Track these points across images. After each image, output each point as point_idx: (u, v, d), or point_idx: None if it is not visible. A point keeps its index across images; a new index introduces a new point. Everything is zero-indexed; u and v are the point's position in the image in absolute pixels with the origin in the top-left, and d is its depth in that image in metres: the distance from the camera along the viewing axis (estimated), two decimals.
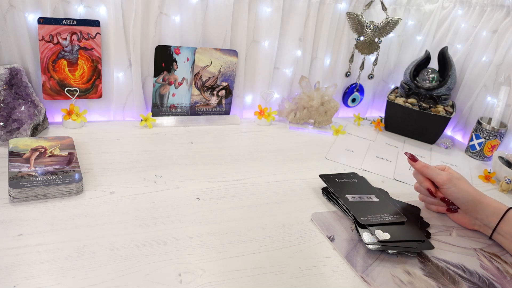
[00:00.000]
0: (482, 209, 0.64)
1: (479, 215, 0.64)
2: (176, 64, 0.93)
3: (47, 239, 0.53)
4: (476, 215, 0.65)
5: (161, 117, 0.96)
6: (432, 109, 1.02)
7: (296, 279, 0.52)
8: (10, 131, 0.76)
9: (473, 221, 0.66)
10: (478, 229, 0.66)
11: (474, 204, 0.64)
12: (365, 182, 0.76)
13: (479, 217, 0.65)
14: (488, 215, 0.63)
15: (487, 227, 0.64)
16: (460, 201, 0.65)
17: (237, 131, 0.98)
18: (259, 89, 1.05)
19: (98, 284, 0.47)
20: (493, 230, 0.63)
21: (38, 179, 0.61)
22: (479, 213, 0.64)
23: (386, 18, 1.07)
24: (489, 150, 0.98)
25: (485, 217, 0.64)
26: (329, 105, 1.03)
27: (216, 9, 0.92)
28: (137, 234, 0.56)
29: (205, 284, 0.49)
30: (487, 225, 0.64)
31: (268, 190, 0.72)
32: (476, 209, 0.64)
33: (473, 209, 0.65)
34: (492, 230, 0.63)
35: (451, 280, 0.55)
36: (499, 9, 1.01)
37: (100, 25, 0.84)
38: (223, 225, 0.61)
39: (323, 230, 0.62)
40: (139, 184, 0.68)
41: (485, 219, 0.64)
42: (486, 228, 0.64)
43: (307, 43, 1.03)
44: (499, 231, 0.62)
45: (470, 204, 0.65)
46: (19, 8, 0.77)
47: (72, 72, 0.86)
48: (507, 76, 0.99)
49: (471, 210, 0.65)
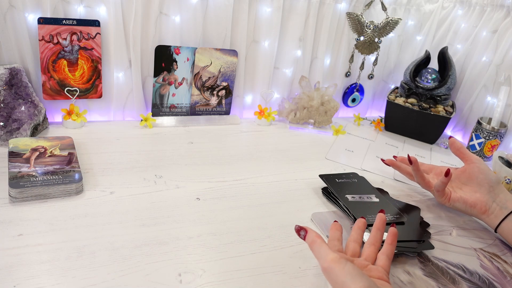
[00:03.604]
0: (504, 192, 0.66)
1: (499, 197, 0.66)
2: (176, 64, 0.93)
3: (47, 239, 0.53)
4: (495, 197, 0.66)
5: (161, 117, 0.96)
6: (432, 109, 1.02)
7: (296, 279, 0.52)
8: (10, 131, 0.76)
9: (490, 203, 0.66)
10: (490, 214, 0.65)
11: (498, 184, 0.66)
12: (365, 182, 0.76)
13: (497, 199, 0.65)
14: (508, 199, 0.65)
15: (502, 211, 0.64)
16: (488, 177, 0.67)
17: (237, 131, 0.98)
18: (259, 89, 1.05)
19: (98, 284, 0.47)
20: (505, 217, 0.63)
21: (38, 179, 0.61)
22: (499, 195, 0.66)
23: (386, 18, 1.07)
24: (489, 150, 0.98)
25: (504, 200, 0.65)
26: (329, 105, 1.03)
27: (216, 9, 0.92)
28: (137, 234, 0.56)
29: (205, 284, 0.49)
30: (504, 208, 0.64)
31: (268, 190, 0.72)
32: (499, 189, 0.66)
33: (497, 188, 0.66)
34: (507, 213, 0.63)
35: (451, 280, 0.55)
36: (499, 9, 1.01)
37: (100, 25, 0.84)
38: (223, 225, 0.61)
39: (323, 230, 0.62)
40: (139, 184, 0.69)
41: (504, 202, 0.65)
42: (501, 212, 0.64)
43: (307, 43, 1.03)
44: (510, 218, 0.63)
45: (494, 182, 0.66)
46: (19, 8, 0.77)
47: (72, 72, 0.86)
48: (507, 76, 0.99)
49: (494, 188, 0.66)
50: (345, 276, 0.42)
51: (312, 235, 0.48)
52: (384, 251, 0.52)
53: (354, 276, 0.42)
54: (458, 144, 0.71)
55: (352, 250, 0.52)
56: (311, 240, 0.48)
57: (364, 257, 0.51)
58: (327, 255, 0.45)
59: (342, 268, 0.43)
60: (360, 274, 0.42)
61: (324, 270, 0.45)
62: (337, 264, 0.44)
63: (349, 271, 0.43)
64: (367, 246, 0.53)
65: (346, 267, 0.43)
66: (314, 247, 0.47)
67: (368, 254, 0.52)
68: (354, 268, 0.43)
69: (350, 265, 0.43)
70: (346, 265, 0.43)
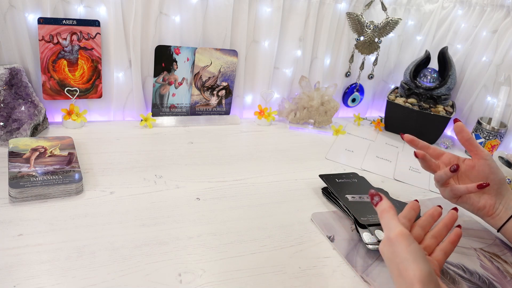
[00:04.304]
0: (509, 192, 0.63)
1: (504, 197, 0.63)
2: (176, 64, 0.93)
3: (47, 239, 0.53)
4: (502, 198, 0.63)
5: (161, 117, 0.96)
6: (432, 109, 1.02)
7: (296, 279, 0.52)
8: (10, 131, 0.76)
9: (497, 205, 0.63)
10: (495, 216, 0.63)
11: (504, 183, 0.63)
12: (365, 182, 0.76)
13: (503, 200, 0.63)
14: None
15: (506, 212, 0.62)
16: (498, 177, 0.63)
17: (237, 131, 0.98)
18: (259, 89, 1.05)
19: (98, 284, 0.47)
20: (509, 218, 0.61)
21: (38, 179, 0.61)
22: (505, 195, 0.63)
23: (386, 18, 1.07)
24: (489, 150, 0.98)
25: (509, 201, 0.62)
26: (329, 105, 1.03)
27: (216, 9, 0.92)
28: (137, 234, 0.56)
29: (205, 284, 0.49)
30: (508, 209, 0.62)
31: (268, 190, 0.72)
32: (505, 189, 0.63)
33: (504, 189, 0.63)
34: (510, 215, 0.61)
35: (451, 280, 0.55)
36: (499, 9, 1.01)
37: (100, 25, 0.84)
38: (223, 225, 0.61)
39: (323, 230, 0.62)
40: (139, 184, 0.69)
41: (509, 202, 0.62)
42: (506, 213, 0.62)
43: (307, 43, 1.03)
44: None
45: (502, 182, 0.63)
46: (19, 8, 0.77)
47: (72, 72, 0.86)
48: (507, 76, 0.99)
49: (502, 189, 0.63)
50: (408, 253, 0.41)
51: (386, 204, 0.46)
52: (443, 247, 0.51)
53: (417, 257, 0.41)
54: (466, 133, 0.63)
55: (416, 235, 0.51)
56: (383, 208, 0.46)
57: (424, 246, 0.50)
58: (396, 227, 0.43)
59: (408, 245, 0.42)
60: (423, 257, 0.41)
61: (389, 241, 0.43)
62: (404, 239, 0.42)
63: (414, 250, 0.41)
64: (429, 237, 0.52)
65: (412, 245, 0.42)
66: (385, 216, 0.45)
67: (428, 245, 0.51)
68: (419, 249, 0.42)
69: (416, 245, 0.42)
70: (413, 243, 0.42)
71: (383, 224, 0.45)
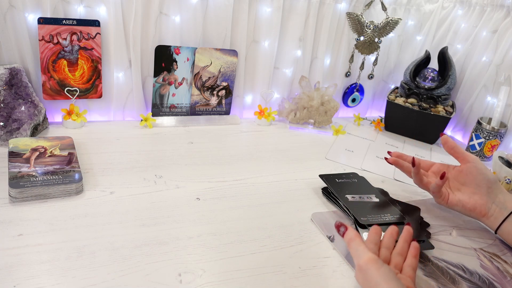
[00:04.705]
0: (502, 192, 0.64)
1: (497, 197, 0.64)
2: (176, 64, 0.93)
3: (47, 239, 0.53)
4: (494, 198, 0.64)
5: (161, 117, 0.96)
6: (432, 109, 1.02)
7: (296, 279, 0.52)
8: (10, 131, 0.76)
9: (490, 204, 0.64)
10: (489, 216, 0.64)
11: (496, 183, 0.65)
12: (365, 182, 0.76)
13: (496, 200, 0.64)
14: (507, 200, 0.63)
15: (501, 212, 0.63)
16: (487, 177, 0.64)
17: (237, 131, 0.98)
18: (259, 89, 1.05)
19: (98, 284, 0.47)
20: (505, 219, 0.62)
21: (38, 179, 0.61)
22: (498, 195, 0.64)
23: (386, 18, 1.07)
24: (489, 150, 0.98)
25: (503, 201, 0.63)
26: (329, 105, 1.03)
27: (216, 9, 0.92)
28: (137, 234, 0.56)
29: (205, 284, 0.49)
30: (503, 209, 0.63)
31: (268, 190, 0.72)
32: (498, 189, 0.64)
33: (495, 188, 0.64)
34: (507, 214, 0.62)
35: (451, 280, 0.55)
36: (499, 9, 1.01)
37: (100, 25, 0.84)
38: (223, 225, 0.61)
39: (323, 230, 0.62)
40: (139, 184, 0.69)
41: (503, 202, 0.63)
42: (500, 213, 0.63)
43: (307, 43, 1.03)
44: (510, 220, 0.62)
45: (493, 182, 0.64)
46: (19, 8, 0.77)
47: (72, 72, 0.86)
48: (507, 76, 0.99)
49: (493, 189, 0.64)
50: (379, 277, 0.43)
51: (352, 233, 0.49)
52: (410, 263, 0.52)
53: (388, 278, 0.43)
54: (451, 142, 0.68)
55: (384, 256, 0.52)
56: (350, 237, 0.49)
57: (393, 266, 0.51)
58: (364, 254, 0.46)
59: (378, 268, 0.44)
60: (395, 278, 0.43)
61: (359, 268, 0.45)
62: (374, 264, 0.44)
63: (385, 272, 0.44)
64: (395, 255, 0.53)
65: (382, 269, 0.44)
66: (352, 245, 0.48)
67: (396, 263, 0.51)
68: (390, 271, 0.44)
69: (386, 267, 0.44)
70: (383, 266, 0.44)
71: (352, 253, 0.48)
